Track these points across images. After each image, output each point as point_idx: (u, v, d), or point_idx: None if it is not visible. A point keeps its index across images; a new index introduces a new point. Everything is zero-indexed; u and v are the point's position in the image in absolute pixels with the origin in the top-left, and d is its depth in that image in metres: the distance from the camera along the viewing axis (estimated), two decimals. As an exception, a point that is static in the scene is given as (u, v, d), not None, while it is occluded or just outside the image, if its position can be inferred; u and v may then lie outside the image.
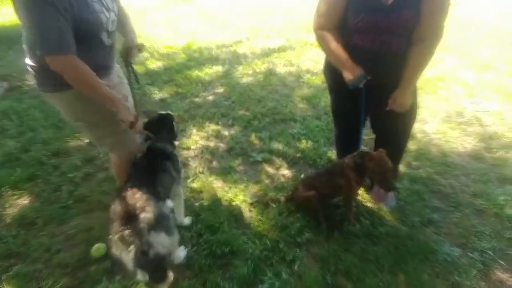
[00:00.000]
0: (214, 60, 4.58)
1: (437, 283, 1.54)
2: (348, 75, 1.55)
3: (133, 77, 1.60)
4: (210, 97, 3.49)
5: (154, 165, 1.52)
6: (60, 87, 1.27)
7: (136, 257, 1.17)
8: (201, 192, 2.13)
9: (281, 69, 4.31)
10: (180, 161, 1.80)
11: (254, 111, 3.11)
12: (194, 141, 2.69)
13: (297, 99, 3.43)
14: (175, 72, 4.11)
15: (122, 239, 1.18)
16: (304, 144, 2.59)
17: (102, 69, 1.37)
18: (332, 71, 1.70)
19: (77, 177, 2.28)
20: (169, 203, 1.44)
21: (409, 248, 1.70)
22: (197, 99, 3.43)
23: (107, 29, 1.29)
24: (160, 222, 1.25)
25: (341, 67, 1.58)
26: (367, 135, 2.14)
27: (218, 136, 2.75)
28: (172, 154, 1.67)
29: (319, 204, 1.84)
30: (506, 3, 7.98)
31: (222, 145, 2.63)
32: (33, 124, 2.97)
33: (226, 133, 2.80)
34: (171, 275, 1.37)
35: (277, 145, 2.59)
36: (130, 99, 1.60)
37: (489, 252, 1.69)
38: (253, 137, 2.70)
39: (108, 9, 1.27)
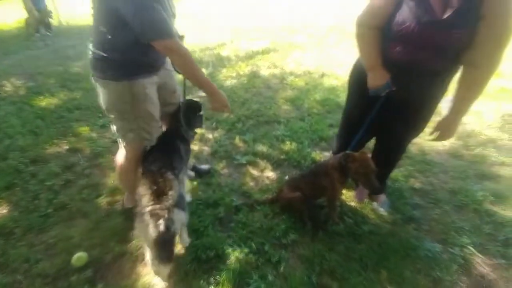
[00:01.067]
0: (197, 62, 4.49)
1: (419, 279, 1.57)
2: (373, 80, 1.48)
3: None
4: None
5: (173, 147, 1.71)
6: (117, 77, 1.41)
7: (160, 232, 1.26)
8: (185, 196, 2.11)
9: (265, 72, 4.34)
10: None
11: (238, 113, 3.11)
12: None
13: (281, 101, 3.45)
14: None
15: (153, 213, 1.30)
16: (288, 145, 2.61)
17: (153, 66, 1.52)
18: (359, 74, 1.59)
19: (56, 184, 2.21)
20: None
21: (391, 245, 1.73)
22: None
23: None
24: (180, 201, 1.41)
25: (370, 69, 1.48)
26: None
27: (202, 139, 2.73)
28: (188, 142, 1.88)
29: (303, 205, 1.86)
30: None
31: (206, 149, 2.61)
32: (10, 131, 2.87)
33: (210, 136, 2.78)
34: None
35: (261, 147, 2.59)
36: (178, 86, 1.80)
37: (469, 247, 1.74)
38: (237, 140, 2.70)
39: (173, 16, 1.41)
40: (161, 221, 1.27)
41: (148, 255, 1.50)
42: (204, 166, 2.34)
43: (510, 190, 2.18)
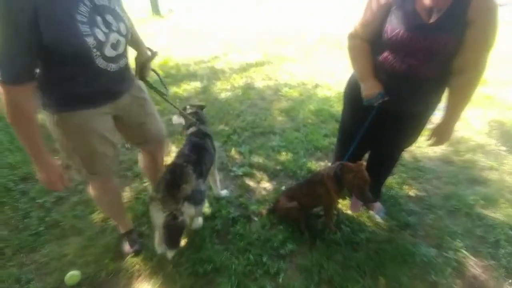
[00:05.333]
0: (191, 76, 4.60)
1: (416, 284, 1.59)
2: (366, 90, 1.50)
3: (161, 89, 1.72)
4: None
5: (200, 145, 1.79)
6: (47, 108, 1.21)
7: (168, 220, 1.40)
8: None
9: (259, 83, 4.39)
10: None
11: (233, 125, 3.13)
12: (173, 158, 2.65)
13: (276, 112, 3.49)
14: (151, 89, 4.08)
15: (163, 200, 1.43)
16: (284, 156, 2.63)
17: (105, 95, 1.27)
18: (353, 87, 1.63)
19: (48, 201, 2.16)
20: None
21: (388, 252, 1.74)
22: (176, 116, 3.40)
23: (103, 53, 1.11)
24: (195, 196, 1.52)
25: (362, 80, 1.52)
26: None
27: (197, 151, 2.73)
28: (212, 137, 1.96)
29: (300, 214, 1.86)
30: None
31: (201, 161, 2.61)
32: (-3, 148, 2.82)
33: (205, 148, 2.78)
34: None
35: (257, 159, 2.60)
36: (156, 116, 1.62)
37: (463, 250, 1.78)
38: (233, 152, 2.71)
39: (109, 31, 1.10)
40: (169, 212, 1.40)
41: (156, 236, 1.63)
42: (224, 191, 2.20)
43: (499, 193, 2.24)
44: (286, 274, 1.64)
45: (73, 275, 1.60)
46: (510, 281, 1.64)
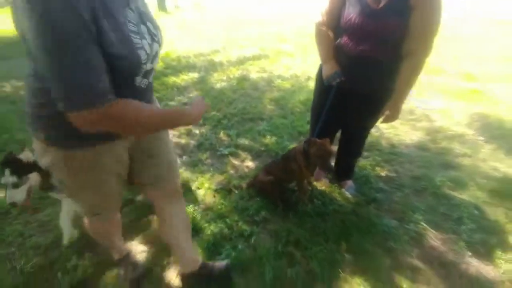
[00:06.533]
0: (191, 67, 4.81)
1: (375, 250, 1.75)
2: (325, 71, 1.70)
3: None
4: (185, 101, 3.68)
5: None
6: (54, 143, 0.93)
7: None
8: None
9: (254, 75, 4.58)
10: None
11: (225, 111, 3.33)
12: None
13: (267, 101, 3.67)
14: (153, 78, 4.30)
15: None
16: (269, 139, 2.82)
17: None
18: (320, 71, 1.83)
19: (51, 172, 2.39)
20: None
21: (353, 222, 1.91)
22: (171, 103, 3.62)
23: (145, 68, 0.88)
24: None
25: (323, 62, 1.73)
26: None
27: (189, 134, 2.94)
28: None
29: (276, 187, 2.04)
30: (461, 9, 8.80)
31: (192, 142, 2.81)
32: (9, 126, 3.06)
33: (197, 131, 2.99)
34: None
35: (244, 141, 2.79)
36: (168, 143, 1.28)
37: (422, 223, 1.93)
38: (221, 134, 2.90)
39: (152, 42, 0.89)
40: None
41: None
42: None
43: (469, 177, 2.38)
44: (258, 237, 1.82)
45: (72, 233, 1.80)
46: (469, 253, 1.77)
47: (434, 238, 1.86)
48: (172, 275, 1.59)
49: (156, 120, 0.90)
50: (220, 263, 1.57)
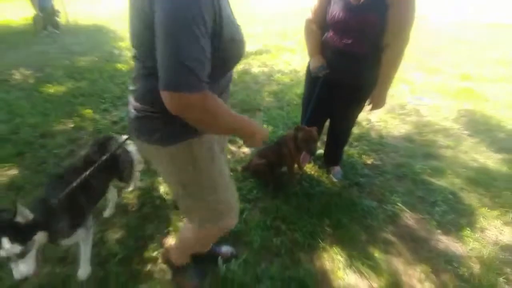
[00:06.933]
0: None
1: (353, 225, 1.94)
2: (312, 64, 1.86)
3: None
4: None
5: None
6: (169, 140, 0.95)
7: None
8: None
9: (255, 69, 4.76)
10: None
11: (224, 102, 3.51)
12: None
13: (265, 94, 3.85)
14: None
15: None
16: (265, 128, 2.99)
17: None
18: (309, 66, 1.97)
19: (62, 152, 2.60)
20: None
21: (336, 202, 2.10)
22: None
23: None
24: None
25: (310, 55, 1.89)
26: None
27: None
28: None
29: (268, 170, 2.23)
30: (465, 13, 8.88)
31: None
32: (21, 112, 3.27)
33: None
34: None
35: (241, 129, 2.97)
36: None
37: (399, 204, 2.11)
38: (220, 122, 3.08)
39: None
40: None
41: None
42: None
43: (449, 166, 2.55)
44: (249, 213, 2.01)
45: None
46: (440, 231, 1.95)
47: (409, 218, 2.05)
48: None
49: (231, 123, 0.91)
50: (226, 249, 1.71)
